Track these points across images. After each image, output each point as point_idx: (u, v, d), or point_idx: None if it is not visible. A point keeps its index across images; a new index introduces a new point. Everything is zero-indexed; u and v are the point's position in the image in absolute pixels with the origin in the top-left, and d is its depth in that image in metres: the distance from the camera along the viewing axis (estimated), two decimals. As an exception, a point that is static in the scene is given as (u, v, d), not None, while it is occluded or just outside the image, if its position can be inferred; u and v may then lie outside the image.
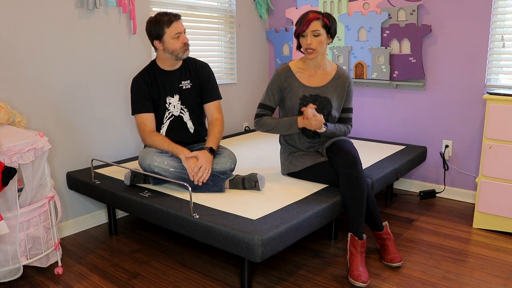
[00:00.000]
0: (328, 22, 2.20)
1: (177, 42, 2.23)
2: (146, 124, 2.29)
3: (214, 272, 2.14)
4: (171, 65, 2.34)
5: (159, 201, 2.03)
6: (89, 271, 2.16)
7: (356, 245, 2.01)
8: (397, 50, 3.17)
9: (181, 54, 2.27)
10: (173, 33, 2.21)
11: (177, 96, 2.35)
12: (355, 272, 1.95)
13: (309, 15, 2.19)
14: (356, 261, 1.99)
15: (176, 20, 2.22)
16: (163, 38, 2.22)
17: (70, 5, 2.46)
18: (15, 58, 2.27)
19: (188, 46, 2.28)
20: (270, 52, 3.99)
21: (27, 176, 1.92)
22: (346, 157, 2.08)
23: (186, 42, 2.26)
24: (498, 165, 2.48)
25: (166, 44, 2.23)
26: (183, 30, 2.25)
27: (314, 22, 2.17)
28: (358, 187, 2.02)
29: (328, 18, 2.21)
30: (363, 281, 1.91)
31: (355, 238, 2.01)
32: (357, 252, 2.00)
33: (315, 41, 2.19)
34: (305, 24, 2.18)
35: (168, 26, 2.20)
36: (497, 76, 2.88)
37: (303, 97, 2.28)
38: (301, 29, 2.20)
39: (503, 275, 2.08)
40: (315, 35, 2.18)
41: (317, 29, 2.17)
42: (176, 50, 2.24)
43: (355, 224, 2.03)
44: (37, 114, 2.40)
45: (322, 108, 2.29)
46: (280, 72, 2.32)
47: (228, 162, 2.26)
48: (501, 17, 2.79)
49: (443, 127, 3.13)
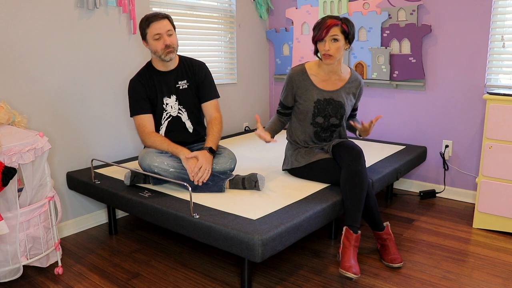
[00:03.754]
0: (347, 28, 2.17)
1: (158, 43, 2.21)
2: (145, 125, 2.29)
3: (214, 272, 2.14)
4: (164, 65, 2.33)
5: (159, 201, 2.03)
6: (89, 271, 2.16)
7: (350, 238, 1.98)
8: (397, 50, 3.17)
9: (163, 56, 2.24)
10: (152, 33, 2.20)
11: (174, 97, 2.35)
12: (346, 263, 1.91)
13: (327, 21, 2.16)
14: (348, 254, 1.95)
15: (156, 21, 2.19)
16: (146, 38, 2.23)
17: (70, 5, 2.46)
18: (15, 58, 2.27)
19: (171, 49, 2.23)
20: (270, 52, 3.99)
21: (27, 176, 1.92)
22: (351, 151, 2.10)
23: (167, 44, 2.21)
24: (498, 165, 2.48)
25: (149, 45, 2.24)
26: (165, 31, 2.20)
27: (333, 28, 2.14)
28: (359, 180, 2.02)
29: (347, 24, 2.17)
30: (354, 272, 1.86)
31: (349, 231, 1.99)
32: (350, 245, 1.97)
33: (333, 47, 2.16)
34: (323, 30, 2.15)
35: (148, 27, 2.20)
36: (497, 76, 2.88)
37: (317, 100, 2.28)
38: (320, 35, 2.16)
39: (503, 275, 2.08)
40: (334, 39, 2.16)
41: (335, 34, 2.14)
42: (157, 51, 2.23)
43: (351, 217, 2.01)
44: (37, 114, 2.40)
45: (336, 113, 2.31)
46: (295, 73, 2.32)
47: (228, 162, 2.26)
48: (501, 17, 2.79)
49: (443, 127, 3.13)
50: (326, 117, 2.31)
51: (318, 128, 2.33)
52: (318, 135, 2.35)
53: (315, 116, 2.30)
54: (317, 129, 2.33)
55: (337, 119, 2.32)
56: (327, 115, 2.30)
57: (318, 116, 2.30)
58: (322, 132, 2.35)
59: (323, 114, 2.30)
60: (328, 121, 2.32)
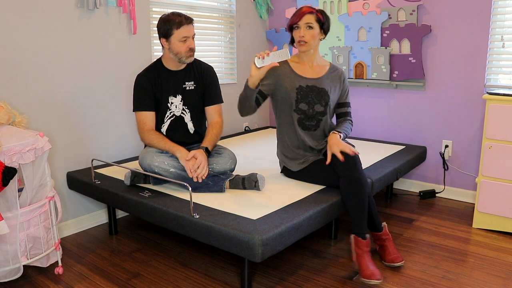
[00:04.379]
0: (322, 17, 2.23)
1: (183, 45, 2.23)
2: (145, 122, 2.29)
3: (214, 272, 2.14)
4: (176, 65, 2.34)
5: (159, 201, 2.03)
6: (89, 271, 2.16)
7: (361, 245, 2.00)
8: (397, 50, 3.17)
9: (185, 59, 2.27)
10: (180, 35, 2.20)
11: (179, 96, 2.36)
12: (367, 271, 1.94)
13: (303, 8, 2.23)
14: (364, 261, 1.98)
15: (187, 24, 2.22)
16: (170, 38, 2.22)
17: (70, 5, 2.46)
18: (15, 58, 2.27)
19: (193, 52, 2.28)
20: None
21: (27, 176, 1.92)
22: (346, 158, 2.08)
23: (192, 47, 2.26)
24: (498, 165, 2.49)
25: (172, 45, 2.24)
26: (191, 35, 2.24)
27: (307, 15, 2.21)
28: (360, 188, 2.01)
29: (322, 14, 2.24)
30: (378, 278, 1.91)
31: (358, 239, 2.00)
32: (363, 252, 2.00)
33: (308, 33, 2.21)
34: (298, 16, 2.21)
35: (177, 28, 2.20)
36: (496, 76, 2.88)
37: (299, 87, 2.28)
38: (294, 20, 2.22)
39: (503, 275, 2.08)
40: (309, 27, 2.20)
41: (310, 22, 2.20)
42: (180, 53, 2.24)
43: (357, 225, 2.02)
44: (37, 114, 2.40)
45: (320, 99, 2.30)
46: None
47: (228, 162, 2.27)
48: (501, 17, 2.79)
49: (443, 127, 3.13)
50: (310, 104, 2.28)
51: (302, 115, 2.29)
52: (302, 123, 2.31)
53: (298, 103, 2.28)
54: (300, 116, 2.29)
55: (321, 106, 2.29)
56: (311, 101, 2.28)
57: (302, 102, 2.28)
58: (306, 120, 2.30)
59: (306, 101, 2.28)
60: (313, 108, 2.29)
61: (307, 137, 2.32)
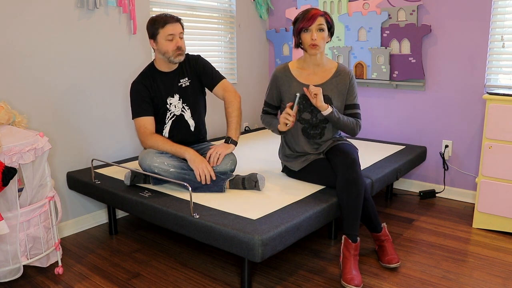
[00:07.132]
0: (330, 19, 2.21)
1: (170, 44, 2.21)
2: (146, 126, 2.28)
3: (214, 272, 2.14)
4: (168, 66, 2.33)
5: (159, 201, 2.03)
6: (89, 271, 2.16)
7: (349, 247, 1.99)
8: (397, 50, 3.17)
9: (173, 58, 2.25)
10: (166, 33, 2.19)
11: (177, 96, 2.35)
12: (348, 275, 1.93)
13: (313, 11, 2.18)
14: (349, 264, 1.97)
15: (172, 22, 2.20)
16: (157, 38, 2.22)
17: (70, 5, 2.46)
18: (15, 58, 2.27)
19: (182, 51, 2.25)
20: (270, 52, 4.00)
21: (27, 176, 1.92)
22: (345, 159, 2.07)
23: (179, 46, 2.23)
24: (498, 165, 2.49)
25: (159, 44, 2.23)
26: (177, 33, 2.22)
27: (319, 17, 2.16)
28: (355, 188, 2.00)
29: (330, 16, 2.22)
30: (356, 284, 1.88)
31: (348, 240, 2.00)
32: (350, 255, 1.99)
33: (319, 36, 2.17)
34: (310, 19, 2.15)
35: (162, 27, 2.19)
36: (496, 76, 2.88)
37: (302, 96, 2.27)
38: (306, 24, 2.15)
39: (503, 275, 2.08)
40: (320, 29, 2.16)
41: (322, 24, 2.16)
42: (168, 52, 2.23)
43: (349, 226, 2.01)
44: (37, 114, 2.40)
45: None
46: (278, 71, 2.33)
47: (229, 163, 2.26)
48: (501, 17, 2.79)
49: (442, 127, 3.13)
50: (313, 112, 2.26)
51: (305, 124, 2.28)
52: (306, 132, 2.29)
53: (301, 112, 2.26)
54: (304, 125, 2.28)
55: None
56: (314, 110, 2.25)
57: (304, 112, 2.26)
58: (310, 129, 2.28)
59: (309, 110, 2.25)
60: (316, 117, 2.26)
61: (310, 145, 2.32)
